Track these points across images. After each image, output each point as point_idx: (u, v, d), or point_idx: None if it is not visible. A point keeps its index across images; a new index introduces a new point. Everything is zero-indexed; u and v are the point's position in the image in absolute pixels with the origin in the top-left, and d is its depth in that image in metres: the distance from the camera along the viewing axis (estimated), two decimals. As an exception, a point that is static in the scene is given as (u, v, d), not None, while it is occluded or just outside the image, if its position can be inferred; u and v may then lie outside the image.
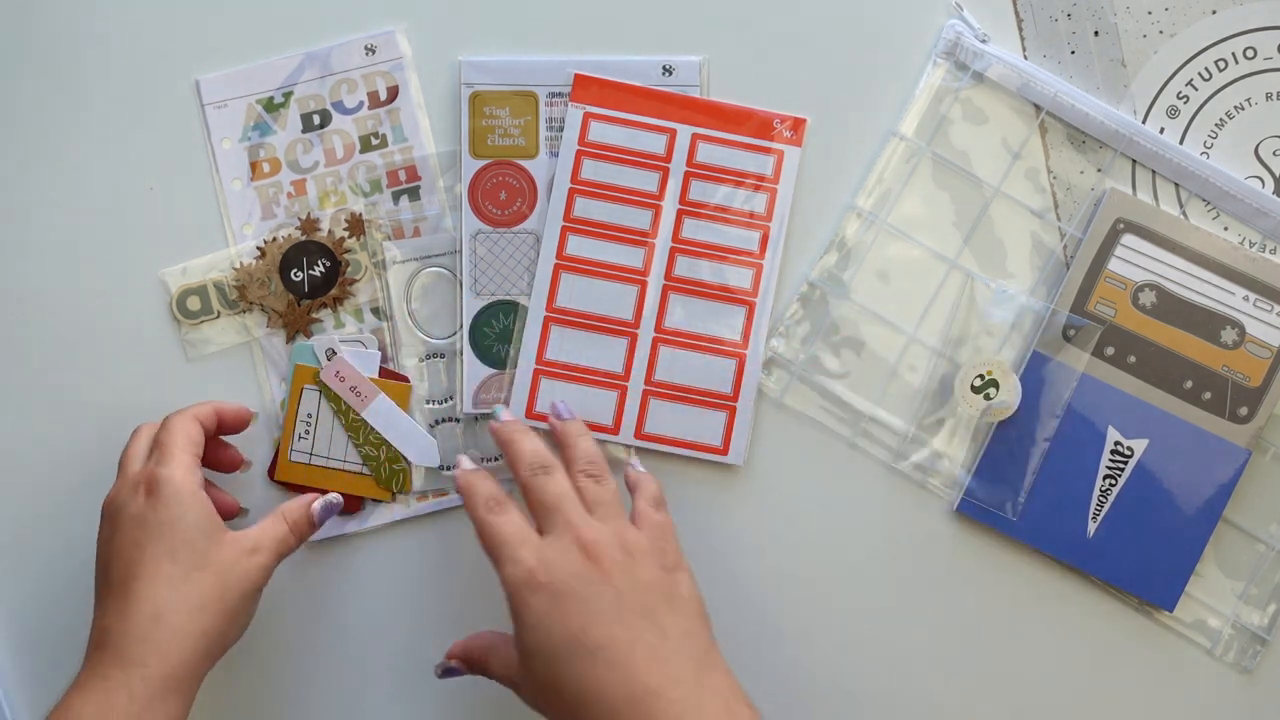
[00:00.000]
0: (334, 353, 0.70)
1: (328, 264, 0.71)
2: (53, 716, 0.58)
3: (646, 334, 0.70)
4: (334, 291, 0.71)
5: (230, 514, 0.68)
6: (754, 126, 0.70)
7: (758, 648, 0.71)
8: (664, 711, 0.55)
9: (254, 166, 0.71)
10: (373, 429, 0.70)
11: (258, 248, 0.71)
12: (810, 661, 0.71)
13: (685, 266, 0.70)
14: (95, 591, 0.62)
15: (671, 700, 0.56)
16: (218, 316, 0.70)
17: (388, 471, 0.70)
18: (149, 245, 0.71)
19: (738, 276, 0.70)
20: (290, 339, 0.71)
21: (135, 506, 0.61)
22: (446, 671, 0.65)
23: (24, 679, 0.71)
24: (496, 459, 0.71)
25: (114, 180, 0.71)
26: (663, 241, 0.70)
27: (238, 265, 0.70)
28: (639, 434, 0.70)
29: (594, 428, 0.69)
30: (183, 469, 0.62)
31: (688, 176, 0.70)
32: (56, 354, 0.71)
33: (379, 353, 0.70)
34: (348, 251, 0.71)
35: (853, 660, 0.71)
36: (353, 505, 0.70)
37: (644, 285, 0.70)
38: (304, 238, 0.71)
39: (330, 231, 0.71)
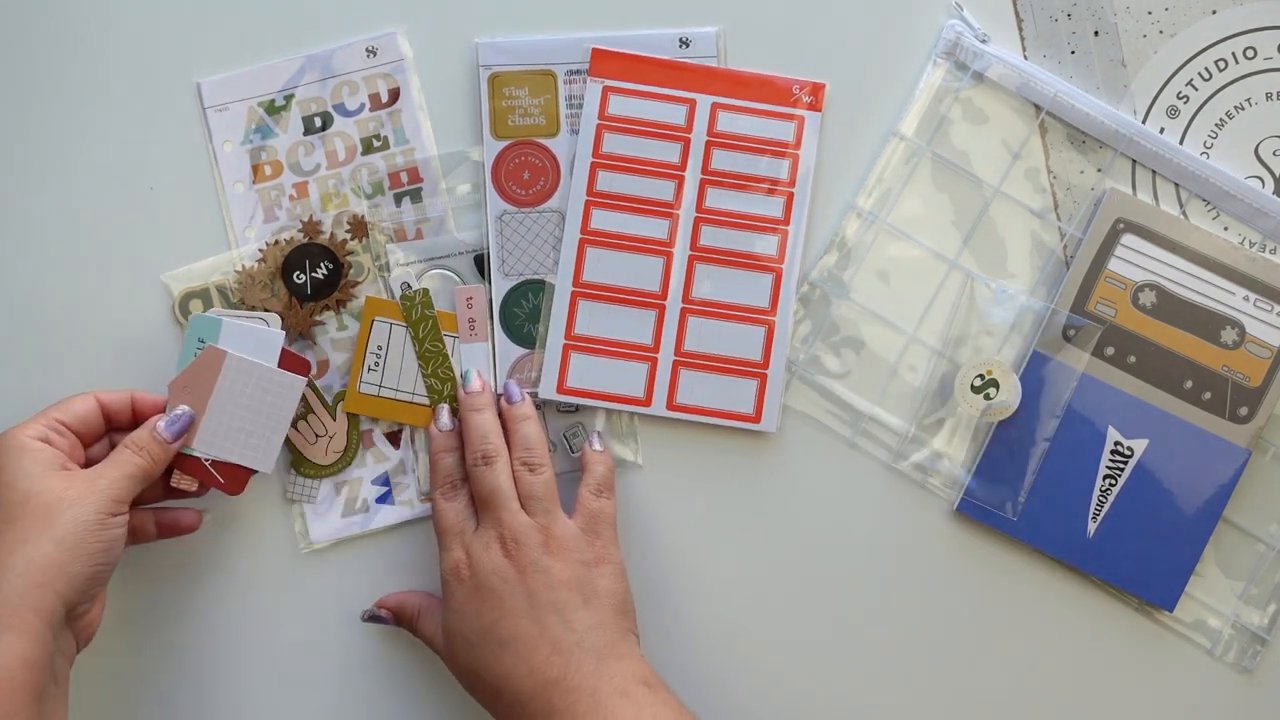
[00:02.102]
0: (409, 285, 0.70)
1: (330, 266, 0.71)
2: None
3: (674, 305, 0.71)
4: (336, 294, 0.71)
5: (180, 528, 0.67)
6: (773, 93, 0.71)
7: (760, 644, 0.71)
8: (561, 699, 0.60)
9: (256, 169, 0.71)
10: (445, 361, 0.70)
11: (260, 250, 0.71)
12: (810, 660, 0.71)
13: (710, 236, 0.71)
14: None
15: (569, 689, 0.60)
16: (220, 319, 0.71)
17: (450, 392, 0.70)
18: (151, 249, 0.71)
19: (763, 244, 0.71)
20: (292, 341, 0.71)
21: None
22: (372, 618, 0.69)
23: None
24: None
25: (116, 184, 0.71)
26: (687, 212, 0.71)
27: (240, 268, 0.71)
28: (670, 405, 0.70)
29: (625, 400, 0.70)
30: (22, 426, 0.62)
31: (709, 146, 0.71)
32: (59, 357, 0.71)
33: (282, 333, 0.68)
34: (350, 254, 0.71)
35: (852, 659, 0.71)
36: (234, 487, 0.68)
37: (670, 256, 0.71)
38: (306, 240, 0.71)
39: (332, 234, 0.71)
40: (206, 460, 0.66)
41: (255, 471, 0.67)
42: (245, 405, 0.66)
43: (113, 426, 0.66)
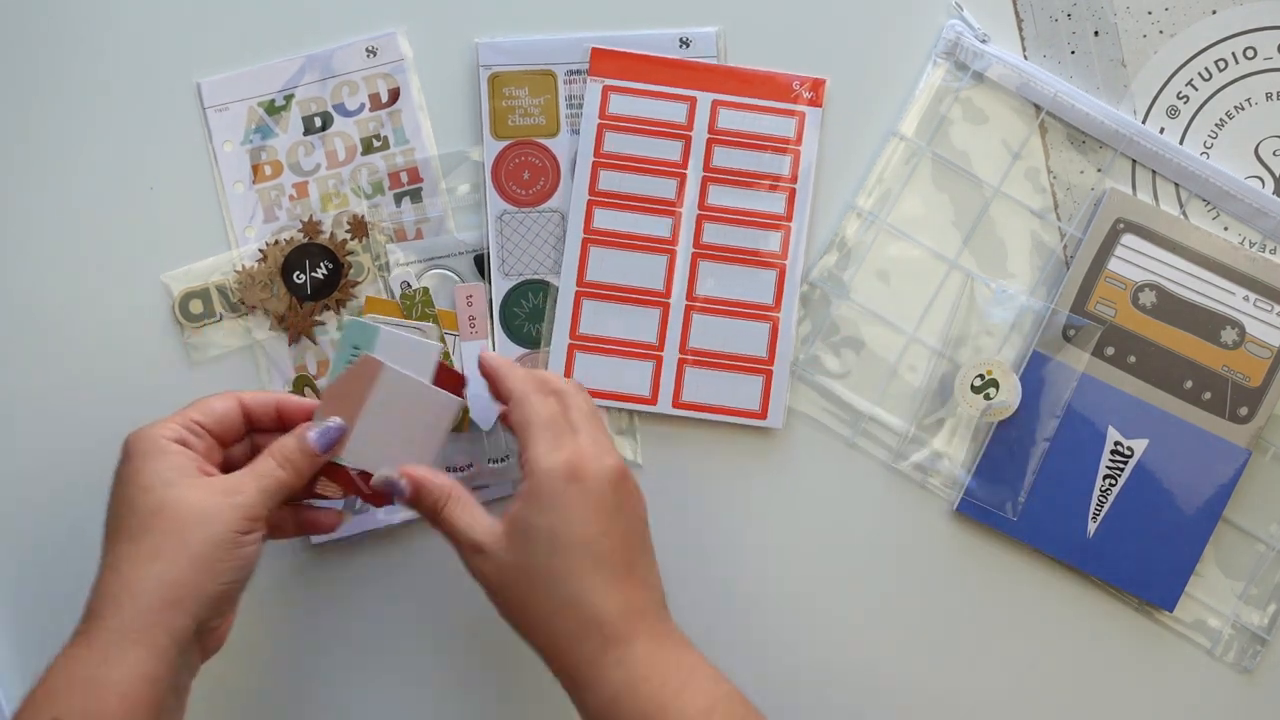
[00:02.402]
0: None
1: (330, 266, 0.71)
2: (29, 693, 0.56)
3: (679, 303, 0.71)
4: (336, 294, 0.71)
5: (320, 528, 0.65)
6: (773, 89, 0.71)
7: (759, 643, 0.71)
8: (648, 629, 0.58)
9: (255, 169, 0.71)
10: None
11: (260, 250, 0.71)
12: (810, 660, 0.71)
13: (713, 233, 0.71)
14: None
15: (652, 626, 0.58)
16: (220, 319, 0.71)
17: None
18: (151, 249, 0.71)
19: (766, 240, 0.71)
20: (293, 341, 0.71)
21: (117, 472, 0.59)
22: (388, 483, 0.61)
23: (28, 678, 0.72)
24: (505, 459, 0.71)
25: (116, 184, 0.71)
26: (689, 210, 0.71)
27: (240, 268, 0.71)
28: (676, 403, 0.71)
29: (631, 399, 0.71)
30: (158, 426, 0.59)
31: (710, 143, 0.71)
32: (58, 358, 0.71)
33: (440, 345, 0.65)
34: (350, 254, 0.71)
35: (852, 659, 0.71)
36: (379, 500, 0.65)
37: (673, 254, 0.71)
38: (306, 240, 0.71)
39: (332, 234, 0.71)
40: (354, 471, 0.63)
41: None
42: (398, 420, 0.63)
43: (255, 429, 0.63)
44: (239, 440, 0.63)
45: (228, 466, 0.61)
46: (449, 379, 0.64)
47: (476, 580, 0.60)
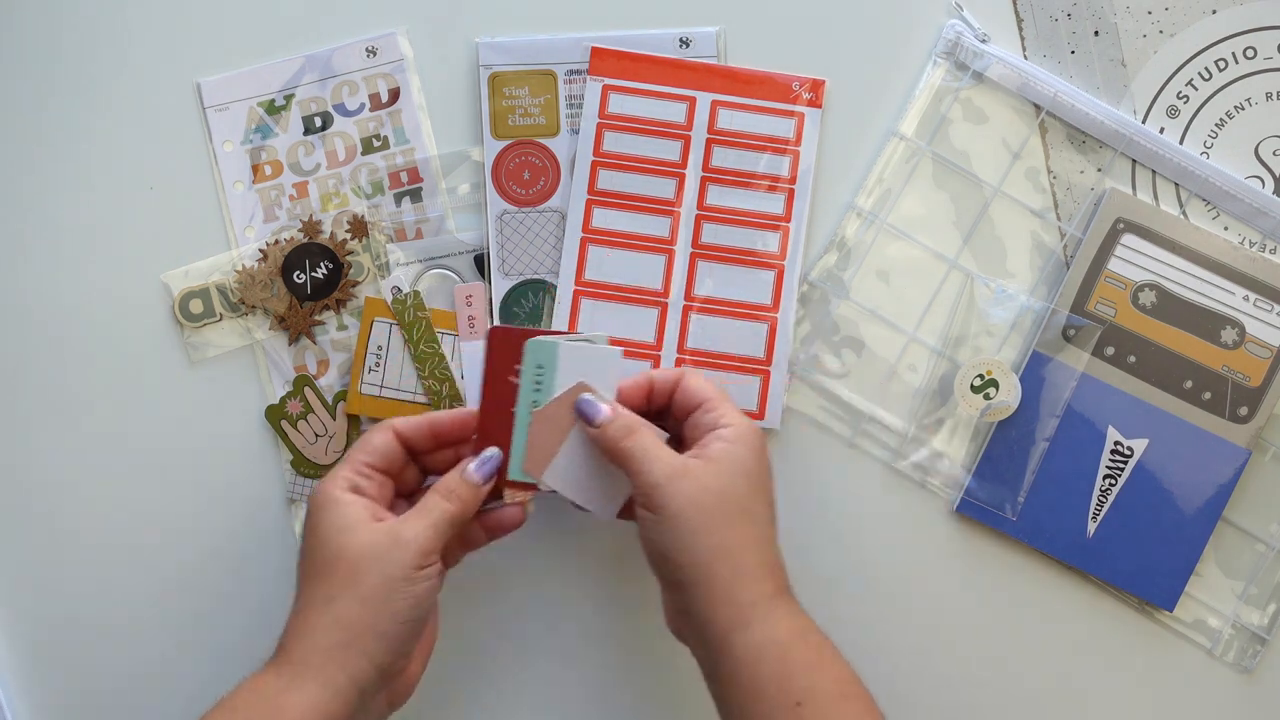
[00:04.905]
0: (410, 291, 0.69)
1: (330, 266, 0.71)
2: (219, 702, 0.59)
3: (677, 303, 0.71)
4: (336, 294, 0.71)
5: (507, 527, 0.64)
6: (773, 90, 0.71)
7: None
8: (784, 584, 0.61)
9: (255, 169, 0.71)
10: (441, 362, 0.70)
11: (260, 250, 0.71)
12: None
13: (712, 233, 0.71)
14: None
15: (782, 582, 0.61)
16: (220, 319, 0.71)
17: (447, 407, 0.70)
18: (151, 248, 0.71)
19: (764, 240, 0.71)
20: (293, 341, 0.71)
21: (305, 526, 0.61)
22: (589, 404, 0.62)
23: (28, 678, 0.72)
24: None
25: (116, 184, 0.71)
26: (688, 210, 0.71)
27: (240, 268, 0.71)
28: None
29: None
30: (330, 481, 0.61)
31: (709, 144, 0.71)
32: (59, 357, 0.71)
33: (618, 350, 0.64)
34: (350, 254, 0.71)
35: (851, 659, 0.71)
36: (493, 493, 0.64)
37: (671, 254, 0.71)
38: (306, 240, 0.71)
39: (332, 234, 0.71)
40: (547, 490, 0.64)
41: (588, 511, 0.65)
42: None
43: (413, 451, 0.64)
44: (406, 468, 0.64)
45: (402, 494, 0.64)
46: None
47: (651, 514, 0.59)
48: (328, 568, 0.58)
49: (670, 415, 0.64)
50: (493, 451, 0.62)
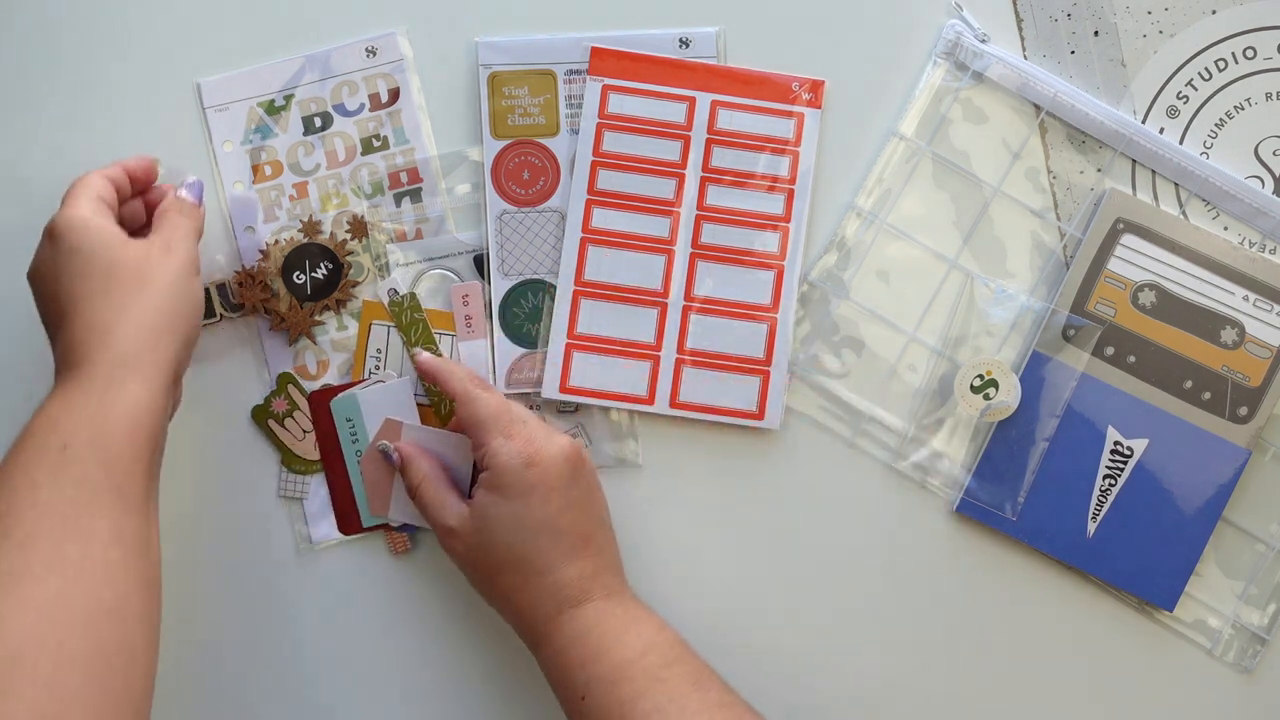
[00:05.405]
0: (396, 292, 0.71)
1: (330, 266, 0.71)
2: (25, 428, 0.58)
3: (676, 303, 0.71)
4: (336, 294, 0.71)
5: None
6: (772, 90, 0.71)
7: (759, 644, 0.71)
8: (603, 588, 0.64)
9: (255, 169, 0.71)
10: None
11: (260, 250, 0.71)
12: (809, 660, 0.71)
13: (711, 234, 0.71)
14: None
15: (606, 584, 0.64)
16: (220, 319, 0.71)
17: (446, 407, 0.70)
18: (151, 249, 0.71)
19: (764, 241, 0.71)
20: (293, 341, 0.71)
21: (44, 255, 0.62)
22: (383, 451, 0.69)
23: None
24: None
25: (117, 184, 0.71)
26: (688, 210, 0.71)
27: (240, 268, 0.71)
28: (674, 403, 0.70)
29: (628, 399, 0.71)
30: (76, 208, 0.62)
31: (709, 144, 0.71)
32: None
33: (406, 379, 0.71)
34: (350, 254, 0.71)
35: (851, 659, 0.71)
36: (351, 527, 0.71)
37: (671, 254, 0.71)
38: (306, 240, 0.71)
39: (332, 234, 0.71)
40: (399, 525, 0.70)
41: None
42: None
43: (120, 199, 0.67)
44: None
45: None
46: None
47: (449, 556, 0.66)
48: (109, 281, 0.60)
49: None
50: (193, 178, 0.67)
